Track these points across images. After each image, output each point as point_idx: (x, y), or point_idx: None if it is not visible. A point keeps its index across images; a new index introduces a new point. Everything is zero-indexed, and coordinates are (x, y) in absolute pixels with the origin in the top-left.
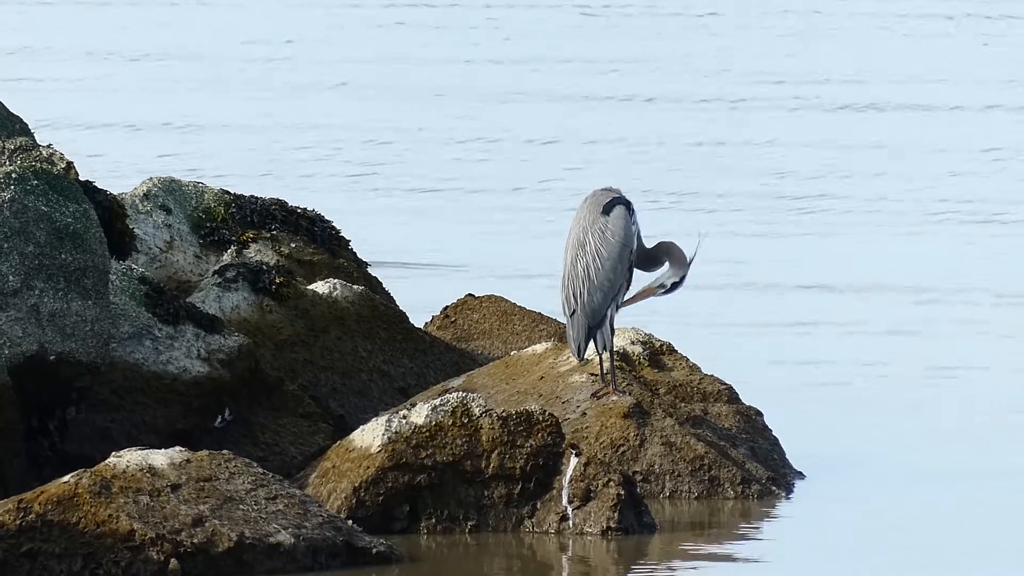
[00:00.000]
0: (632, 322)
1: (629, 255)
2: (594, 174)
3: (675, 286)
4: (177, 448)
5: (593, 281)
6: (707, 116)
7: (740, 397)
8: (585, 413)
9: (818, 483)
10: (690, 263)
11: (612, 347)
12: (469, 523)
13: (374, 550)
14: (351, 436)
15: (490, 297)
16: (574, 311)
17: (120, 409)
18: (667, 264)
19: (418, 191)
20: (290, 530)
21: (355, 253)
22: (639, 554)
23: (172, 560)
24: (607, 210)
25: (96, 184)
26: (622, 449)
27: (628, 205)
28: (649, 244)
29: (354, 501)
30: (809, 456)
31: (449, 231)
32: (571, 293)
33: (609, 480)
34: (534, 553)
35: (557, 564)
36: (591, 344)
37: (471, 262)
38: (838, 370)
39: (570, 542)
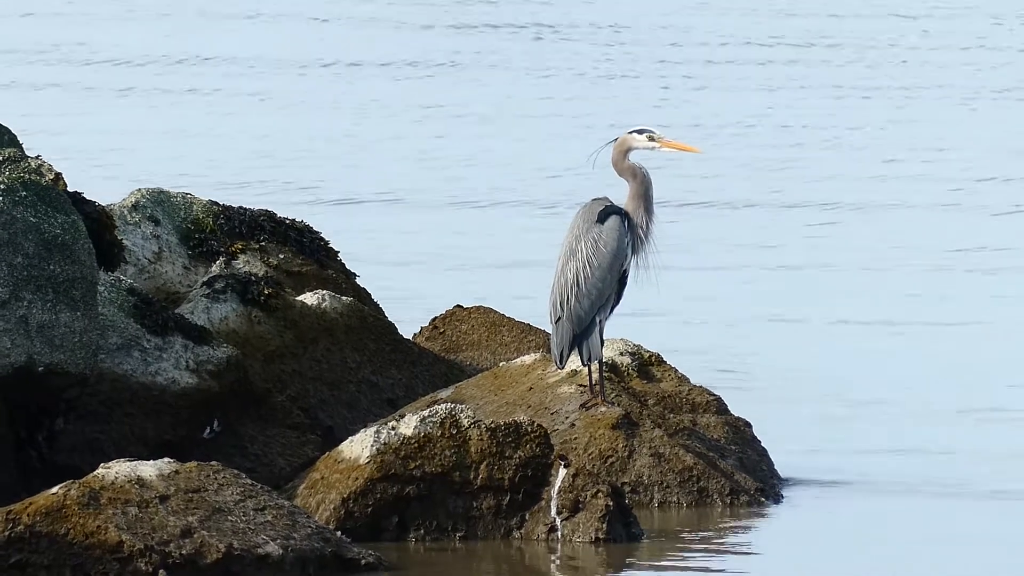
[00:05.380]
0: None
1: (620, 266)
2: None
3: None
4: (166, 459)
5: (581, 288)
6: None
7: (729, 408)
8: (574, 424)
9: (806, 494)
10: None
11: (601, 358)
12: (457, 534)
13: (363, 561)
14: (340, 447)
15: (479, 308)
16: (559, 318)
17: (109, 420)
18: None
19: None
20: (279, 541)
21: (344, 264)
22: (627, 565)
23: (160, 571)
24: (602, 219)
25: (84, 195)
26: (611, 460)
27: (623, 215)
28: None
29: (343, 512)
30: (798, 467)
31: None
32: (558, 300)
33: (598, 491)
34: (522, 565)
35: None
36: (574, 353)
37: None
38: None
39: (558, 553)
